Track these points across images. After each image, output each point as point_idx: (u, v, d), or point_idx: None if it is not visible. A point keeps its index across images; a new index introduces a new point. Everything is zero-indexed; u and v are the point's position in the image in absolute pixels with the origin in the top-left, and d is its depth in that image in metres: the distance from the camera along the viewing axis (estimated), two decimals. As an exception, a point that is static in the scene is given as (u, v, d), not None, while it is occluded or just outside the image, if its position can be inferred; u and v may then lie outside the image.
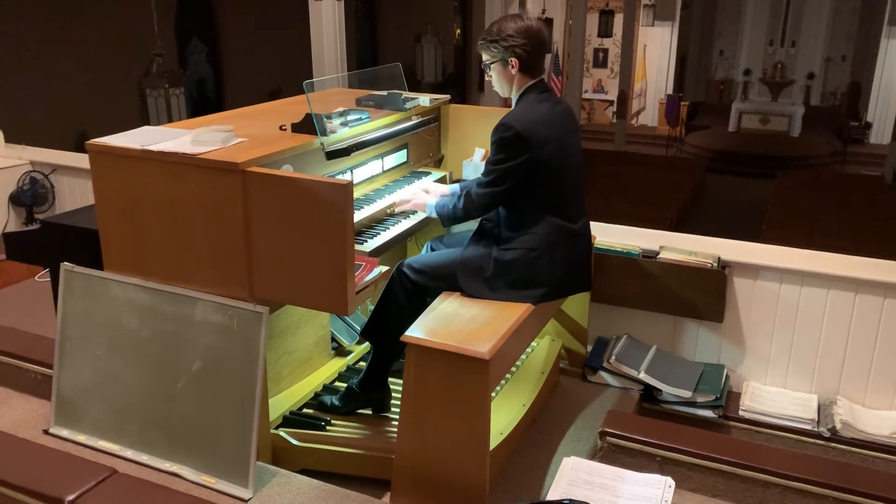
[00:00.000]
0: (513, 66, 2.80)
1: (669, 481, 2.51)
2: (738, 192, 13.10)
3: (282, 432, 2.84)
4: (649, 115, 17.62)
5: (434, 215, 2.99)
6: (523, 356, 3.39)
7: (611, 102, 17.69)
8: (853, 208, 10.28)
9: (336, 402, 3.03)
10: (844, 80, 17.64)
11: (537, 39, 2.80)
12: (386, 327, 2.88)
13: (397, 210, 3.15)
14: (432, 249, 3.18)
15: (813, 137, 15.72)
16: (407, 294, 2.88)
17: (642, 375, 3.40)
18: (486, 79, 2.94)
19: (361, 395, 2.99)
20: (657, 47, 17.31)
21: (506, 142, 2.70)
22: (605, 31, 17.99)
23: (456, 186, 3.23)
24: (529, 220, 2.80)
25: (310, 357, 3.26)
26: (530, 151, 2.69)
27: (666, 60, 17.38)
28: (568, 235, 2.84)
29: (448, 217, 2.92)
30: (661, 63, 17.40)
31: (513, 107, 2.87)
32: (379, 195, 3.24)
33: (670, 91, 17.04)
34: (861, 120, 16.10)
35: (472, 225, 3.07)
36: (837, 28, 17.44)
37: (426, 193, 3.15)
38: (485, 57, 2.88)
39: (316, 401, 3.11)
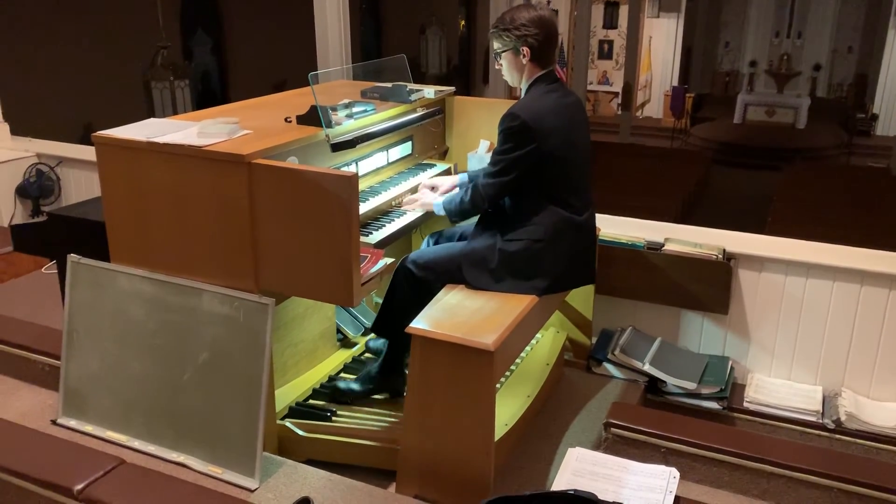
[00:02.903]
0: (524, 56, 2.80)
1: (674, 472, 2.51)
2: (744, 184, 13.04)
3: (288, 423, 2.86)
4: (654, 106, 17.54)
5: (442, 213, 2.99)
6: (528, 348, 3.40)
7: (616, 94, 17.61)
8: (859, 200, 10.23)
9: (354, 387, 3.05)
10: (851, 71, 17.53)
11: (549, 29, 2.81)
12: (394, 322, 2.89)
13: (404, 208, 3.16)
14: (436, 243, 3.18)
15: (819, 129, 15.63)
16: (412, 289, 2.89)
17: (647, 367, 3.40)
18: (496, 67, 2.95)
19: (380, 379, 3.04)
20: (662, 39, 17.23)
21: (512, 131, 2.71)
22: (610, 23, 17.90)
23: (465, 176, 3.23)
24: (534, 211, 2.80)
25: (315, 348, 3.27)
26: (537, 141, 2.70)
27: (671, 52, 17.29)
28: (572, 227, 2.84)
29: (456, 212, 2.92)
30: (666, 55, 17.31)
31: (521, 96, 2.88)
32: (384, 187, 3.25)
33: (675, 83, 16.96)
34: (867, 112, 16.00)
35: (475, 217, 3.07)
36: (844, 19, 17.32)
37: (433, 191, 3.16)
38: (496, 45, 2.88)
39: (329, 386, 3.11)
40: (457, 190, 3.11)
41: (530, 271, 2.80)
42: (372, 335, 3.47)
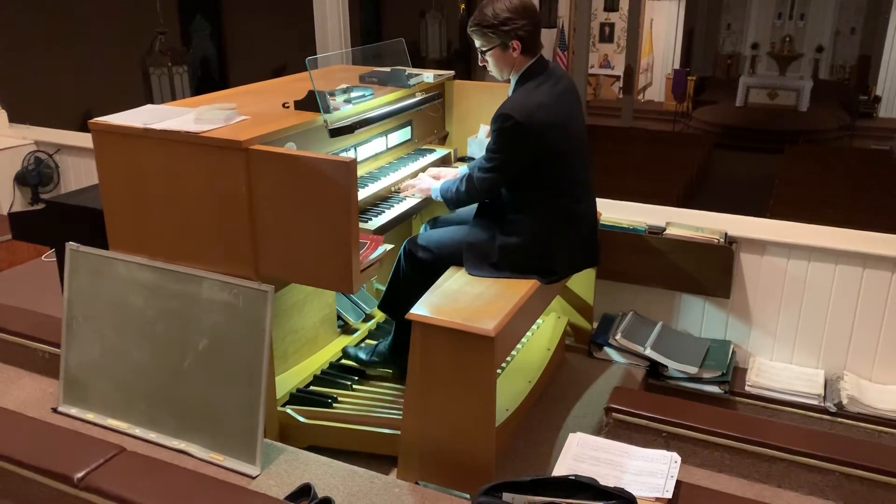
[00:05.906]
0: (514, 49, 2.70)
1: (675, 456, 2.51)
2: (746, 167, 13.01)
3: (289, 410, 2.86)
4: (656, 90, 17.48)
5: (439, 199, 2.97)
6: (529, 333, 3.39)
7: (617, 78, 17.52)
8: (862, 183, 10.21)
9: (361, 355, 3.15)
10: (853, 53, 17.44)
11: (534, 16, 2.71)
12: (399, 303, 2.89)
13: (403, 194, 3.14)
14: (433, 228, 3.16)
15: (821, 112, 15.58)
16: (416, 271, 2.89)
17: (648, 352, 3.40)
18: (481, 64, 2.82)
19: (389, 357, 3.06)
20: (664, 21, 17.13)
21: (505, 132, 2.65)
22: (611, 5, 17.79)
23: (465, 168, 3.20)
24: (532, 204, 2.77)
25: (316, 335, 3.27)
26: (530, 140, 2.64)
27: (673, 34, 17.21)
28: (572, 217, 2.82)
29: (453, 200, 2.90)
30: (667, 37, 17.22)
31: (511, 88, 2.81)
32: (383, 173, 3.23)
33: (677, 66, 16.88)
34: (870, 94, 15.94)
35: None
36: (847, 0, 17.21)
37: (432, 178, 3.14)
38: (479, 43, 2.76)
39: (342, 352, 3.23)
40: (457, 175, 3.09)
41: (531, 264, 2.78)
42: (377, 335, 3.47)
